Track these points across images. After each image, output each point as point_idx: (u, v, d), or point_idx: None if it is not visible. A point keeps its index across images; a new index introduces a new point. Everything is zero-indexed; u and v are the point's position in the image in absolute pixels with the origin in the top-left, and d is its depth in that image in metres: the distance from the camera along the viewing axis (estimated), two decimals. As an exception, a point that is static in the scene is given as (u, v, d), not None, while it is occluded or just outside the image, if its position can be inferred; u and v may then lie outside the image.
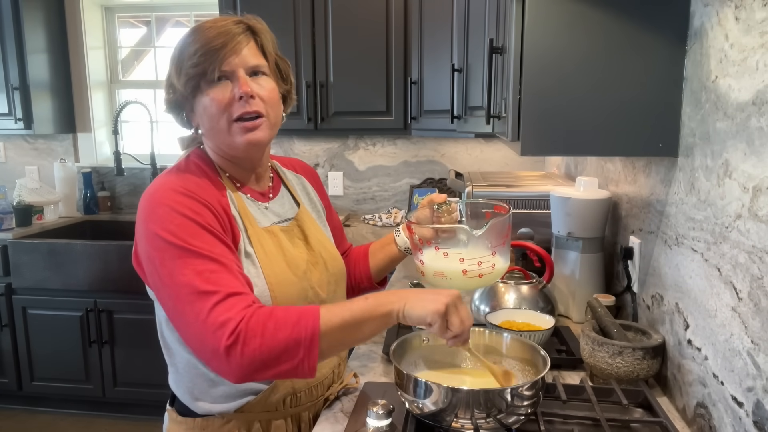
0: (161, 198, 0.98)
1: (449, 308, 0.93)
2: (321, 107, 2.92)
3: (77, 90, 3.54)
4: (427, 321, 0.92)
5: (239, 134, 1.03)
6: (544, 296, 1.50)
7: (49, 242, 2.91)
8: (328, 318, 0.91)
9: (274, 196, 1.18)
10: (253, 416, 1.08)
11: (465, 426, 0.92)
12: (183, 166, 1.08)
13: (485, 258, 1.06)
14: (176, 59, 1.04)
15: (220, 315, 0.89)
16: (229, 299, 0.90)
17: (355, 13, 2.84)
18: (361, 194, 3.40)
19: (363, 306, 0.93)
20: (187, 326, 0.92)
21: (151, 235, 0.95)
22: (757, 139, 0.85)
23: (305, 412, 1.14)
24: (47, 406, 3.13)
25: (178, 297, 0.92)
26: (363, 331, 0.94)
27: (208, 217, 0.98)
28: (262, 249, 1.07)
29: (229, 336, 0.87)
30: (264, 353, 0.88)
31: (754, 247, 0.85)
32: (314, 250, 1.17)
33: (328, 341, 0.90)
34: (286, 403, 1.11)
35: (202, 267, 0.93)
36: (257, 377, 0.90)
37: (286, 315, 0.91)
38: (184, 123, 1.11)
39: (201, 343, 0.90)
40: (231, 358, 0.88)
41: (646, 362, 1.15)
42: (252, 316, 0.89)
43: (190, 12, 3.55)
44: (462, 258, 1.06)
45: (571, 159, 2.36)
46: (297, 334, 0.89)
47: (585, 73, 1.15)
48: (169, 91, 1.07)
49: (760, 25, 0.85)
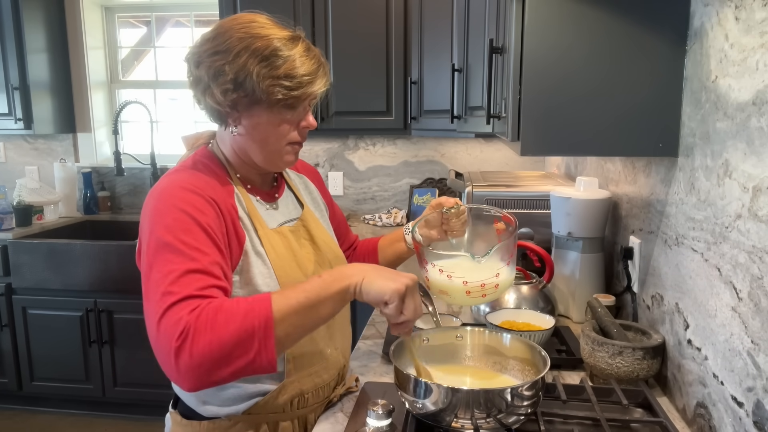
0: (167, 195, 0.97)
1: (408, 291, 0.90)
2: (321, 107, 2.91)
3: (77, 90, 3.54)
4: (384, 299, 0.89)
5: (289, 155, 1.09)
6: (544, 296, 1.50)
7: (49, 242, 2.91)
8: (282, 302, 0.86)
9: (279, 197, 1.18)
10: (260, 418, 1.07)
11: (465, 426, 0.92)
12: (191, 164, 1.07)
13: (488, 280, 1.05)
14: (263, 61, 0.98)
15: (172, 316, 0.84)
16: (185, 301, 0.86)
17: (355, 13, 2.84)
18: (361, 194, 3.40)
19: (317, 284, 0.90)
20: (148, 328, 0.88)
21: (147, 231, 0.95)
22: (757, 139, 0.85)
23: (311, 414, 1.14)
24: (47, 406, 3.13)
25: (146, 294, 0.90)
26: (320, 312, 0.90)
27: (209, 215, 0.97)
28: (273, 250, 1.07)
29: (179, 337, 0.82)
30: (214, 349, 0.81)
31: (754, 247, 0.85)
32: (321, 250, 1.18)
33: (284, 327, 0.85)
34: (294, 404, 1.10)
35: (176, 266, 0.89)
36: (212, 378, 0.83)
37: (236, 306, 0.85)
38: (217, 116, 1.05)
39: (156, 346, 0.85)
40: (180, 361, 0.81)
41: (646, 362, 1.15)
42: (202, 311, 0.84)
43: (190, 12, 3.55)
44: (465, 281, 1.06)
45: (571, 159, 2.36)
46: (249, 323, 0.83)
47: (585, 73, 1.15)
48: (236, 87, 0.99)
49: (760, 25, 0.85)
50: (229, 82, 0.99)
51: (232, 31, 1.00)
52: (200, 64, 1.01)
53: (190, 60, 1.04)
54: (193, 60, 1.03)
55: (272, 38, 1.00)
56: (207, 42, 1.02)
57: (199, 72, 1.01)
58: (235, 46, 0.98)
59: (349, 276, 0.91)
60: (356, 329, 2.64)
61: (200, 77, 1.01)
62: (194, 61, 1.02)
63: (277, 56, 0.99)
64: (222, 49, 0.99)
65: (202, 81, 1.01)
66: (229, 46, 0.99)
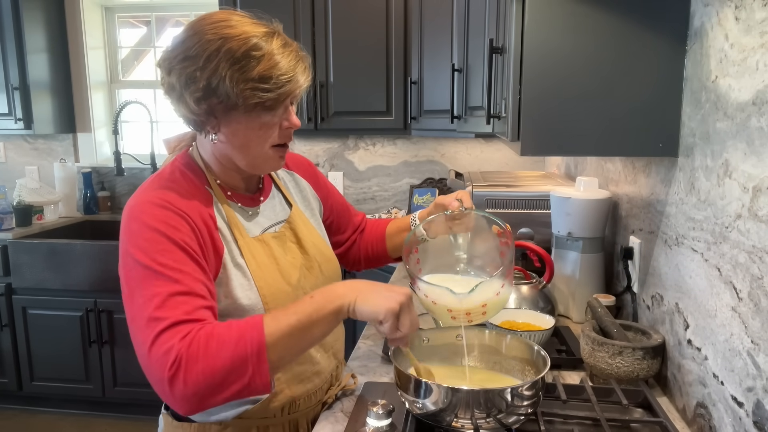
0: (138, 213, 0.94)
1: (402, 308, 0.90)
2: (321, 107, 2.92)
3: (77, 90, 3.54)
4: (379, 318, 0.89)
5: (274, 159, 1.05)
6: (544, 296, 1.50)
7: (49, 242, 2.91)
8: (274, 327, 0.85)
9: (264, 199, 1.15)
10: (250, 423, 1.06)
11: (465, 426, 0.92)
12: (167, 174, 1.03)
13: (474, 309, 0.99)
14: (236, 64, 0.92)
15: (164, 344, 0.83)
16: (175, 327, 0.84)
17: (355, 13, 2.84)
18: (361, 194, 3.40)
19: (310, 306, 0.88)
20: (138, 354, 0.87)
21: (123, 252, 0.93)
22: (757, 139, 0.85)
23: (303, 418, 1.13)
24: (47, 406, 3.13)
25: (133, 320, 0.88)
26: (314, 333, 0.89)
27: (183, 231, 0.93)
28: (254, 260, 1.04)
29: (171, 366, 0.81)
30: (208, 377, 0.81)
31: (754, 247, 0.85)
32: (308, 254, 1.14)
33: (277, 352, 0.84)
34: (285, 410, 1.09)
35: (159, 289, 0.87)
36: (207, 404, 0.84)
37: (228, 332, 0.84)
38: (194, 124, 1.01)
39: (148, 374, 0.85)
40: (175, 389, 0.82)
41: (646, 362, 1.15)
42: (193, 340, 0.83)
43: (190, 12, 3.55)
44: (449, 309, 0.99)
45: (571, 159, 2.36)
46: (242, 350, 0.82)
47: (585, 73, 1.15)
48: (209, 93, 0.94)
49: (760, 25, 0.85)
50: (202, 90, 0.93)
51: (202, 33, 0.94)
52: (171, 70, 0.95)
53: (162, 66, 0.98)
54: (164, 66, 0.97)
55: (243, 38, 0.93)
56: (177, 46, 0.96)
57: (171, 79, 0.96)
58: (205, 50, 0.93)
59: (341, 296, 0.90)
60: (356, 329, 2.64)
61: (173, 85, 0.96)
62: (165, 67, 0.97)
63: (250, 57, 0.93)
64: (192, 54, 0.93)
65: (174, 89, 0.96)
66: (199, 51, 0.93)
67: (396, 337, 0.92)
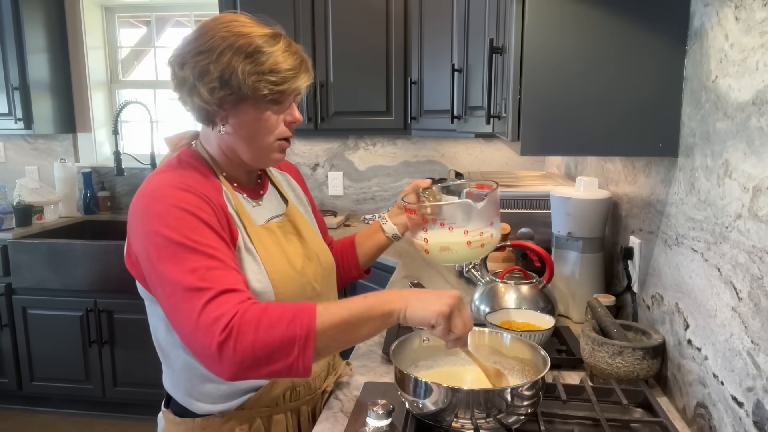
0: (160, 195, 0.97)
1: (453, 310, 0.92)
2: (321, 107, 2.92)
3: (77, 90, 3.54)
4: (430, 323, 0.91)
5: (277, 152, 1.10)
6: (544, 296, 1.50)
7: (49, 242, 2.91)
8: (326, 316, 0.88)
9: (264, 194, 1.19)
10: (254, 413, 1.09)
11: (465, 426, 0.92)
12: (176, 164, 1.07)
13: (485, 229, 1.14)
14: (249, 57, 0.99)
15: (213, 311, 0.87)
16: (222, 296, 0.88)
17: (355, 13, 2.83)
18: (361, 194, 3.40)
19: (362, 305, 0.92)
20: (182, 325, 0.90)
21: (149, 233, 0.94)
22: (757, 139, 0.85)
23: (304, 406, 1.16)
24: (47, 406, 3.13)
25: (174, 294, 0.91)
26: (361, 331, 0.92)
27: (207, 212, 0.97)
28: (263, 246, 1.08)
29: (222, 331, 0.85)
30: (257, 350, 0.85)
31: (754, 247, 0.85)
32: (308, 244, 1.19)
33: (323, 340, 0.88)
34: (286, 397, 1.12)
35: (198, 264, 0.91)
36: (250, 375, 0.87)
37: (282, 311, 0.88)
38: (204, 116, 1.05)
39: (194, 341, 0.88)
40: (223, 354, 0.85)
41: (646, 362, 1.15)
42: (246, 311, 0.87)
43: (190, 12, 3.55)
44: (466, 230, 1.13)
45: (571, 159, 2.36)
46: (292, 331, 0.86)
47: (585, 73, 1.15)
48: (222, 84, 0.99)
49: (760, 25, 0.85)
50: (215, 81, 0.99)
51: (215, 30, 1.01)
52: (185, 64, 1.01)
53: (174, 62, 1.03)
54: (177, 61, 1.03)
55: (254, 36, 1.01)
56: (190, 43, 1.02)
57: (184, 72, 1.01)
58: (218, 45, 0.99)
59: (392, 302, 0.92)
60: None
61: (185, 78, 1.01)
62: (178, 62, 1.02)
63: (261, 52, 1.00)
64: (205, 49, 1.00)
65: (187, 81, 1.01)
66: (212, 46, 1.00)
67: (450, 339, 0.94)
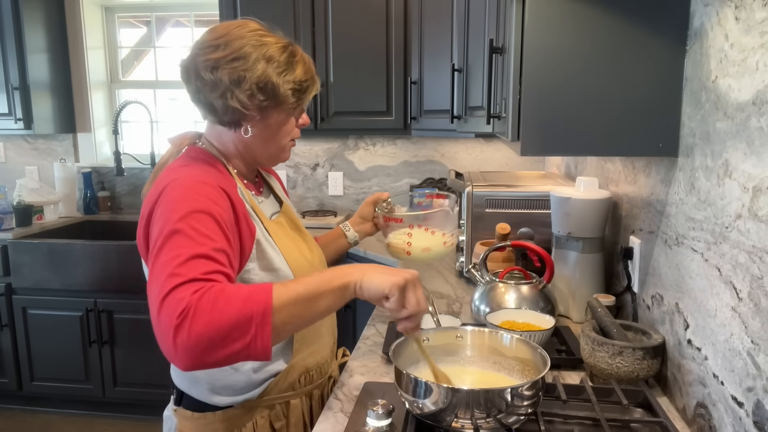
0: (181, 185, 1.00)
1: (408, 284, 0.93)
2: (321, 107, 2.92)
3: (77, 90, 3.54)
4: (384, 293, 0.92)
5: (286, 152, 1.20)
6: (544, 296, 1.50)
7: (49, 242, 2.91)
8: (282, 292, 0.88)
9: (262, 191, 1.26)
10: (272, 399, 1.14)
11: (465, 426, 0.92)
12: (192, 160, 1.10)
13: (454, 231, 1.43)
14: (279, 67, 1.07)
15: (176, 296, 0.85)
16: (190, 283, 0.87)
17: (355, 13, 2.83)
18: (361, 194, 3.40)
19: (318, 279, 0.92)
20: (150, 305, 0.89)
21: (163, 219, 0.96)
22: (757, 139, 0.85)
23: (316, 390, 1.25)
24: (47, 406, 3.13)
25: (152, 276, 0.91)
26: (319, 305, 0.92)
27: (221, 206, 1.00)
28: (278, 238, 1.15)
29: (179, 315, 0.83)
30: (212, 330, 0.83)
31: (754, 247, 0.85)
32: (307, 238, 1.29)
33: (281, 316, 0.87)
34: (301, 382, 1.20)
35: (186, 251, 0.90)
36: (207, 359, 0.84)
37: (238, 291, 0.87)
38: (236, 118, 1.09)
39: (156, 325, 0.86)
40: (178, 339, 0.83)
41: (646, 362, 1.15)
42: (204, 294, 0.85)
43: (190, 12, 3.55)
44: (444, 233, 1.43)
45: (571, 159, 2.36)
46: (248, 308, 0.85)
47: (585, 73, 1.15)
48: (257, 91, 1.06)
49: (760, 25, 0.85)
50: (252, 87, 1.05)
51: (246, 39, 1.07)
52: (217, 69, 1.05)
53: (204, 65, 1.06)
54: (207, 66, 1.06)
55: (281, 45, 1.09)
56: (219, 49, 1.06)
57: (217, 76, 1.05)
58: (250, 54, 1.06)
59: (348, 274, 0.94)
60: (356, 329, 2.64)
61: (218, 81, 1.05)
62: (209, 66, 1.06)
63: (292, 62, 1.09)
64: (240, 56, 1.05)
65: (221, 84, 1.05)
66: (246, 53, 1.06)
67: (402, 317, 0.95)
